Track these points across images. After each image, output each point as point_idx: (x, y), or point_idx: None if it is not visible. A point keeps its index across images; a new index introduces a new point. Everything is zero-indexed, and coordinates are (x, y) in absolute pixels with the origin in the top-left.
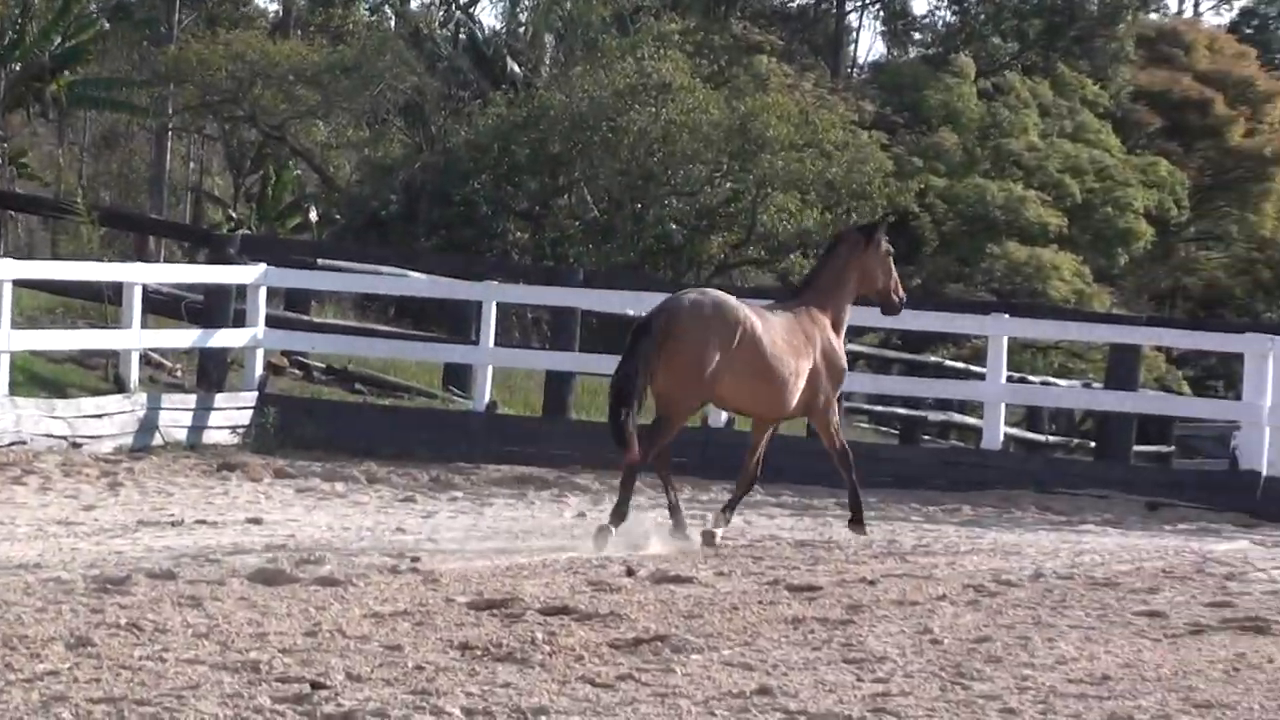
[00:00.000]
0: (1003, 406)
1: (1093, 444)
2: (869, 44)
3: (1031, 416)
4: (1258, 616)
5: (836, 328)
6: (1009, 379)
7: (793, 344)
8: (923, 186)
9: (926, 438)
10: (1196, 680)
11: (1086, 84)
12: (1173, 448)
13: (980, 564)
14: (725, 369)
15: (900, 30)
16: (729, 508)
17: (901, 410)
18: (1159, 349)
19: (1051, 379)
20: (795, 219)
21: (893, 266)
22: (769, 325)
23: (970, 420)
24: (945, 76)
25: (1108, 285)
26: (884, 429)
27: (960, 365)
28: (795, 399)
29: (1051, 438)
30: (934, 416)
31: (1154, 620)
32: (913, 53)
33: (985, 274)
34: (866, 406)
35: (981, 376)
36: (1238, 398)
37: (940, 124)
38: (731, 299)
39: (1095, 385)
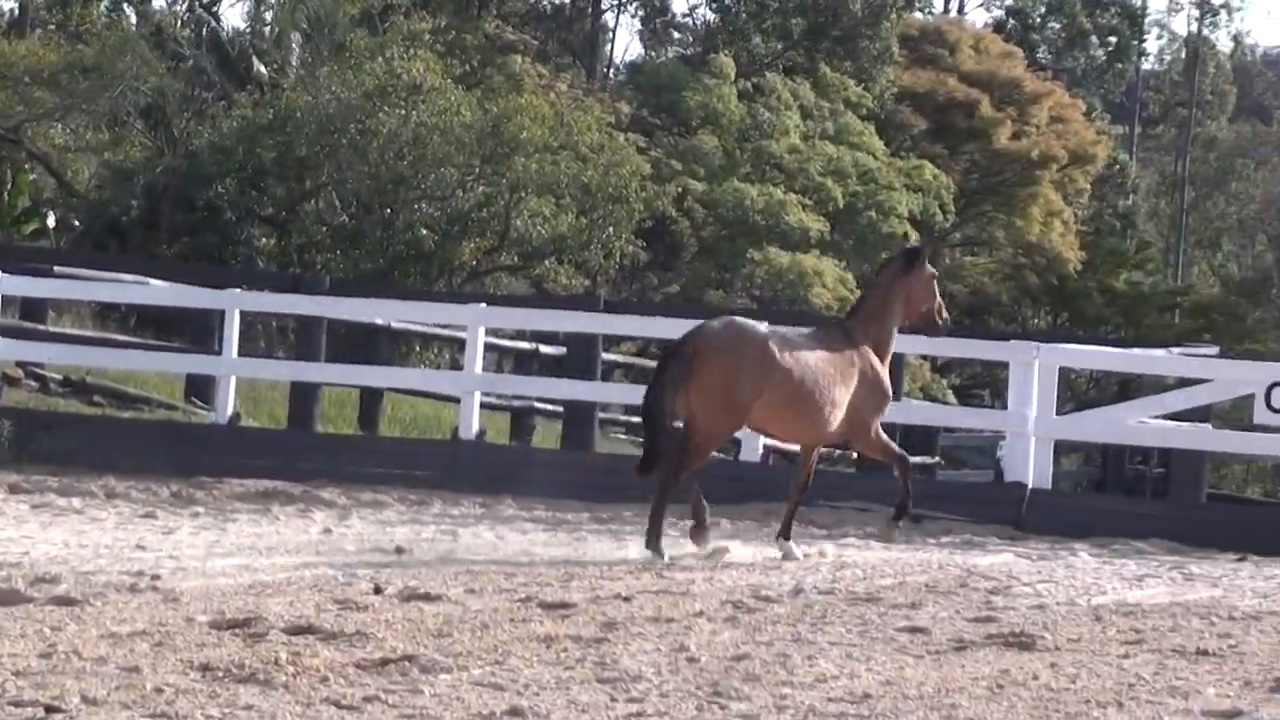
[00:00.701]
0: None
1: (855, 455)
2: (626, 44)
3: None
4: (1022, 632)
5: (881, 352)
6: None
7: (828, 371)
8: (681, 190)
9: None
10: (959, 698)
11: (849, 85)
12: (938, 459)
13: (739, 579)
14: (755, 396)
15: (659, 29)
16: (785, 529)
17: None
18: (924, 357)
19: None
20: (550, 224)
21: (936, 289)
22: (800, 352)
23: None
24: (705, 77)
25: None
26: (641, 440)
27: None
28: (834, 426)
29: None
30: None
31: (916, 636)
32: (671, 53)
33: (746, 280)
34: (623, 418)
35: None
36: (1004, 407)
37: (699, 126)
38: (759, 326)
39: None
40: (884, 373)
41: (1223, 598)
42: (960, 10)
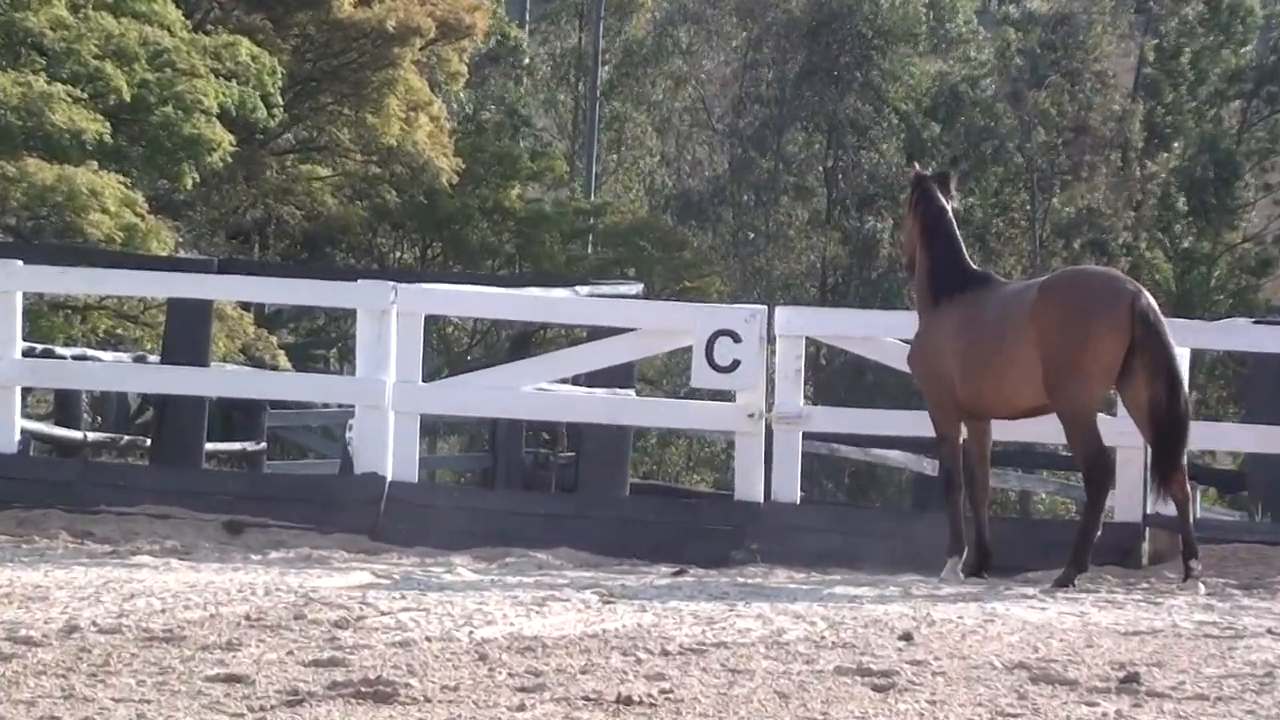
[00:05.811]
0: (18, 392)
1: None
2: None
3: (66, 406)
4: (379, 678)
5: None
6: (48, 354)
7: None
8: None
9: None
10: None
11: None
12: (264, 444)
13: None
14: None
15: None
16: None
17: None
18: (243, 306)
19: (92, 352)
20: None
21: None
22: None
23: None
24: None
25: (171, 218)
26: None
27: None
28: None
29: (94, 435)
30: None
31: (235, 687)
32: None
33: None
34: None
35: None
36: (355, 372)
37: None
38: None
39: (153, 359)
40: None
41: (654, 626)
42: None
